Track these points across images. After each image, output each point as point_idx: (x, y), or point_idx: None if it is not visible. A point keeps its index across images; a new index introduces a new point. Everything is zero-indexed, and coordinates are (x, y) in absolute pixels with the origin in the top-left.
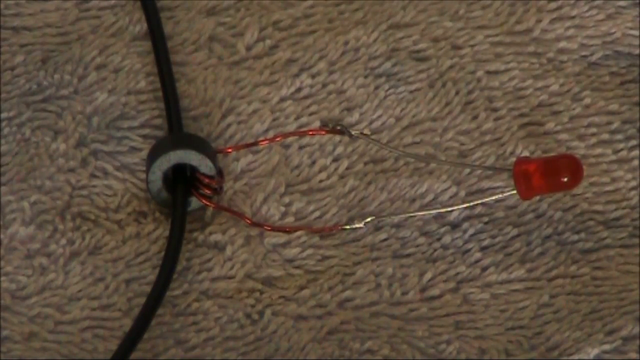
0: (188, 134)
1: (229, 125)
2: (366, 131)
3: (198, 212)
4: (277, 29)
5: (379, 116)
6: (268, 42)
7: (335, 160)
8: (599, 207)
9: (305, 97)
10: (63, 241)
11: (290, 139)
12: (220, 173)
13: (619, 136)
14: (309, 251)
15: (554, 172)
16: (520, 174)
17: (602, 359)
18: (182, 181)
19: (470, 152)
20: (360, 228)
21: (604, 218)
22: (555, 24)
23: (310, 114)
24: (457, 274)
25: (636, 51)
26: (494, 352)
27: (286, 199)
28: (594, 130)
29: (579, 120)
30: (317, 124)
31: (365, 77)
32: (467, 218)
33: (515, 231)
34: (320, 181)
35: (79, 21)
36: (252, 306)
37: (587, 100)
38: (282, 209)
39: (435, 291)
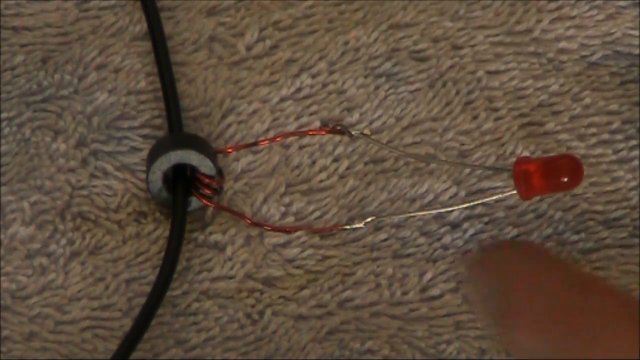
0: (188, 134)
1: (229, 125)
2: (366, 131)
3: (198, 212)
4: (277, 29)
5: (379, 116)
6: (268, 42)
7: (335, 160)
8: (599, 207)
9: (305, 97)
10: (63, 241)
11: (291, 139)
12: (220, 173)
13: (619, 136)
14: (309, 251)
15: (554, 173)
16: (520, 174)
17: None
18: (182, 181)
19: (470, 152)
20: (360, 228)
21: (604, 218)
22: (556, 24)
23: (311, 114)
24: (457, 274)
25: (636, 51)
26: (494, 352)
27: (286, 199)
28: (594, 130)
29: (579, 120)
30: (317, 124)
31: (366, 77)
32: (467, 218)
33: (515, 231)
34: (321, 181)
35: (79, 21)
36: (252, 306)
37: (587, 100)
38: (282, 209)
39: (435, 291)
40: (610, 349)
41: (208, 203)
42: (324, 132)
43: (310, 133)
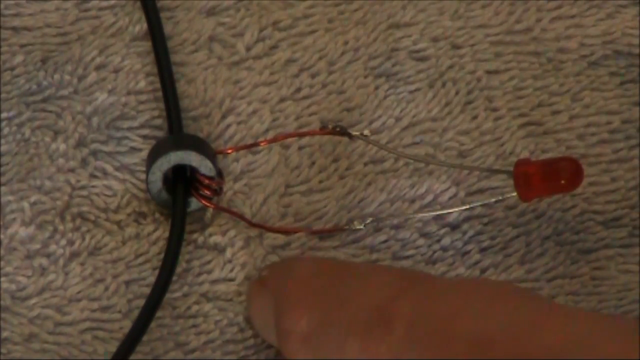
0: (188, 135)
1: (228, 126)
2: (366, 132)
3: (198, 213)
4: (277, 29)
5: (379, 116)
6: (268, 42)
7: (335, 161)
8: (598, 207)
9: (305, 97)
10: (63, 242)
11: (290, 139)
12: (220, 174)
13: (619, 136)
14: (309, 252)
15: (554, 175)
16: (520, 176)
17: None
18: (182, 182)
19: (469, 152)
20: (359, 229)
21: (603, 218)
22: (555, 23)
23: (310, 114)
24: (457, 275)
25: (636, 51)
26: None
27: (286, 200)
28: (593, 129)
29: (579, 120)
30: (317, 124)
31: (365, 77)
32: (466, 219)
33: (514, 232)
34: (320, 182)
35: (79, 21)
36: None
37: (587, 100)
38: (282, 209)
39: None
40: (364, 304)
41: (208, 204)
42: (323, 133)
43: (310, 134)
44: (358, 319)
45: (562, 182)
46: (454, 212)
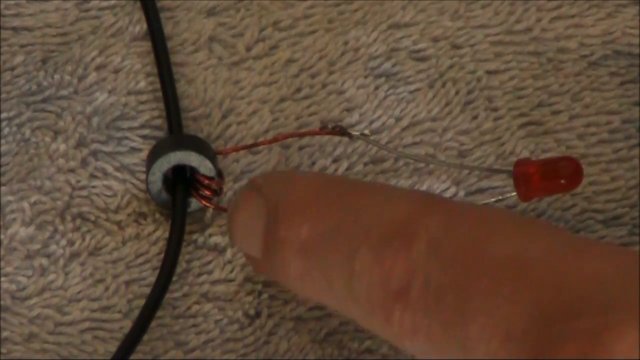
0: (188, 135)
1: (228, 126)
2: (366, 132)
3: (198, 213)
4: (277, 29)
5: (379, 116)
6: (268, 42)
7: (335, 161)
8: (598, 206)
9: (305, 97)
10: (63, 242)
11: (290, 139)
12: (220, 174)
13: (619, 135)
14: None
15: (554, 174)
16: (520, 175)
17: None
18: (182, 182)
19: (470, 152)
20: None
21: (603, 217)
22: (555, 23)
23: (310, 114)
24: None
25: (636, 51)
26: None
27: None
28: (593, 129)
29: (579, 120)
30: (317, 124)
31: (365, 77)
32: None
33: None
34: None
35: (79, 21)
36: (252, 308)
37: (587, 100)
38: None
39: None
40: (381, 214)
41: (207, 204)
42: (323, 133)
43: (310, 134)
44: (374, 229)
45: (562, 181)
46: None
